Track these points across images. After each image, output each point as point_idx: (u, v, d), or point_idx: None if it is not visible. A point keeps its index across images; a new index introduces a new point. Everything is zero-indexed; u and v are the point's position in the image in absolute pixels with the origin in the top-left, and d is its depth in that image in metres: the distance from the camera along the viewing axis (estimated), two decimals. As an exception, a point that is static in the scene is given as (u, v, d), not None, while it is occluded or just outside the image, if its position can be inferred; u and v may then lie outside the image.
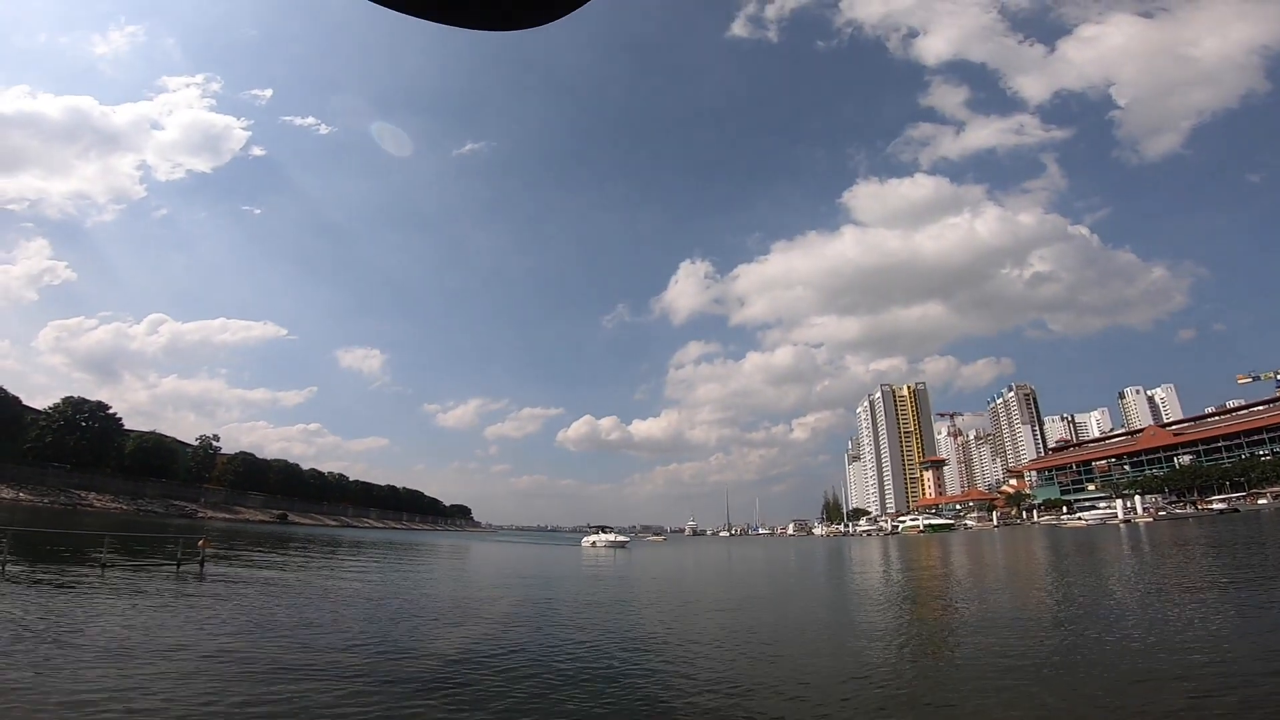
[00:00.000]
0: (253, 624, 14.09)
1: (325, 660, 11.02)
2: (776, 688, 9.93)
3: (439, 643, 13.45)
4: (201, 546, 26.20)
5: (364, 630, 14.16)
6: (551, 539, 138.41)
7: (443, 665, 11.05)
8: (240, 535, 60.50)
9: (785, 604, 23.18)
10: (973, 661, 11.64)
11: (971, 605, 20.56)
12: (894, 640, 14.44)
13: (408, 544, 67.31)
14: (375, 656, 11.53)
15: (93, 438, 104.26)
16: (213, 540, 31.48)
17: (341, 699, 8.70)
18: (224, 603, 17.00)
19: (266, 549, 43.13)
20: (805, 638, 15.24)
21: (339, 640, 12.93)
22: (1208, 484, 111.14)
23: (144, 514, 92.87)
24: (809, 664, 12.01)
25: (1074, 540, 56.21)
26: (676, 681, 10.34)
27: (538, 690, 9.53)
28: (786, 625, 17.32)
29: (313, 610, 16.79)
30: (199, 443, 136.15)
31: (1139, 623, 14.46)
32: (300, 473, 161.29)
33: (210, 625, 13.64)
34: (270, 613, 15.80)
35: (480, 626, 15.97)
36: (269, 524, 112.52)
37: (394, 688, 9.44)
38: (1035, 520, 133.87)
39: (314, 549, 46.69)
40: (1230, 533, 44.85)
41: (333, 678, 9.83)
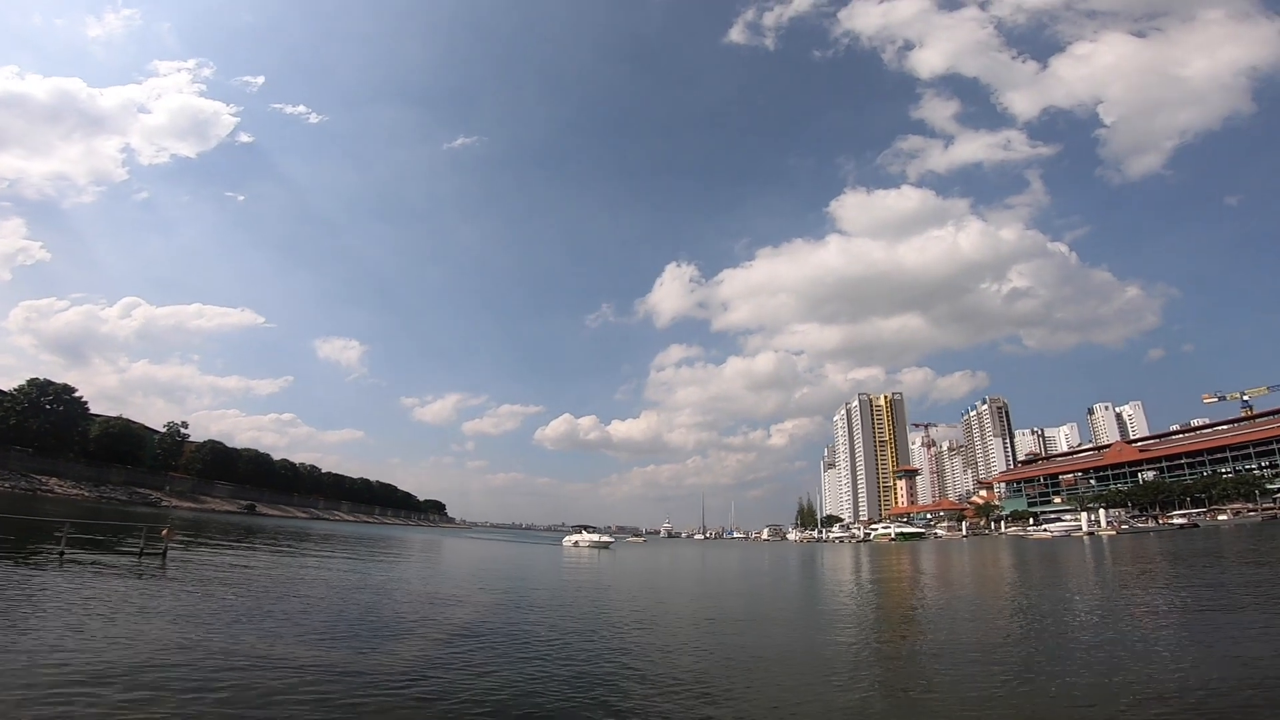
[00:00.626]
0: (212, 615, 13.94)
1: (281, 651, 10.95)
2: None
3: (401, 641, 13.40)
4: (165, 536, 25.74)
5: (323, 624, 14.07)
6: (527, 537, 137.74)
7: (402, 666, 11.03)
8: (206, 525, 59.38)
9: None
10: (931, 669, 11.89)
11: (932, 615, 20.96)
12: (860, 653, 14.72)
13: (379, 538, 66.53)
14: (334, 649, 11.48)
15: (57, 421, 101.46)
16: (177, 530, 30.91)
17: (293, 688, 8.67)
18: (185, 593, 16.75)
19: (233, 540, 42.43)
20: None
21: (298, 632, 12.84)
22: (1170, 499, 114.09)
23: (107, 501, 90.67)
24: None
25: (1038, 551, 57.38)
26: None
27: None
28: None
29: (273, 602, 16.61)
30: (167, 429, 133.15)
31: (1088, 635, 14.87)
32: (271, 463, 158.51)
33: (169, 616, 13.46)
34: (231, 604, 15.63)
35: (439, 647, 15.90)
36: (236, 514, 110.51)
37: (351, 680, 9.42)
38: (1002, 531, 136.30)
39: (282, 541, 46.01)
40: (1189, 547, 46.11)
41: (286, 669, 9.78)
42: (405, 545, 57.77)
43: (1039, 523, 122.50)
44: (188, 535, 39.09)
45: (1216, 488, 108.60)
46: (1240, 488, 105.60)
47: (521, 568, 40.29)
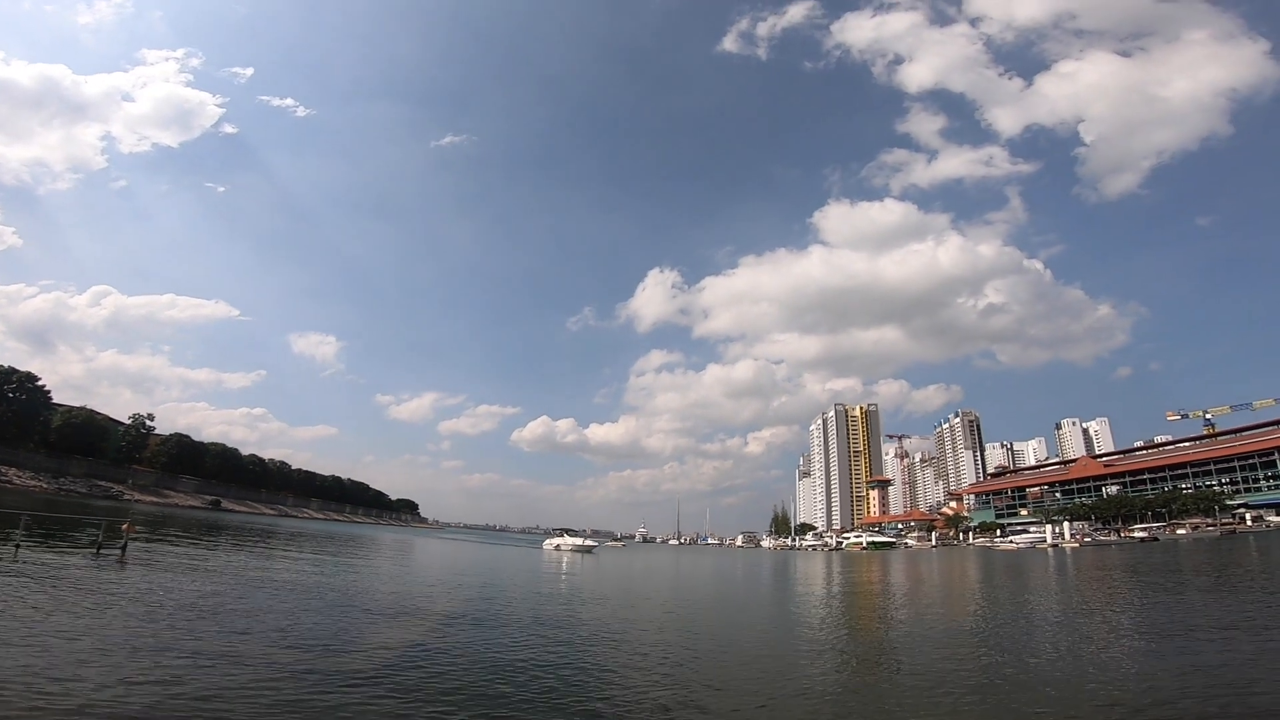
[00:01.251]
0: (170, 612, 13.64)
1: (240, 649, 10.76)
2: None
3: (364, 639, 13.24)
4: (125, 531, 25.12)
5: (284, 624, 13.85)
6: (501, 539, 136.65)
7: (369, 662, 10.91)
8: (169, 520, 57.94)
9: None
10: (900, 672, 12.06)
11: (899, 615, 21.26)
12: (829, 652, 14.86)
13: (347, 537, 65.47)
14: (293, 649, 11.31)
15: (18, 410, 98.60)
16: (138, 525, 30.14)
17: (249, 688, 8.53)
18: (144, 589, 16.36)
19: (196, 536, 41.48)
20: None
21: (255, 631, 12.63)
22: (1132, 513, 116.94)
23: (66, 493, 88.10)
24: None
25: (1003, 562, 58.45)
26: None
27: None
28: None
29: (234, 600, 16.32)
30: (132, 421, 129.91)
31: (1048, 644, 15.21)
32: (239, 458, 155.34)
33: (126, 612, 13.15)
34: (190, 602, 15.30)
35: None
36: (200, 510, 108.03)
37: (312, 679, 9.29)
38: (970, 542, 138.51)
39: (246, 538, 45.09)
40: (1147, 560, 47.31)
41: (242, 667, 9.62)
42: (374, 545, 56.93)
43: (1006, 534, 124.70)
44: (150, 530, 38.12)
45: (1177, 503, 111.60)
46: (1200, 503, 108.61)
47: (500, 574, 37.96)
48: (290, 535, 56.71)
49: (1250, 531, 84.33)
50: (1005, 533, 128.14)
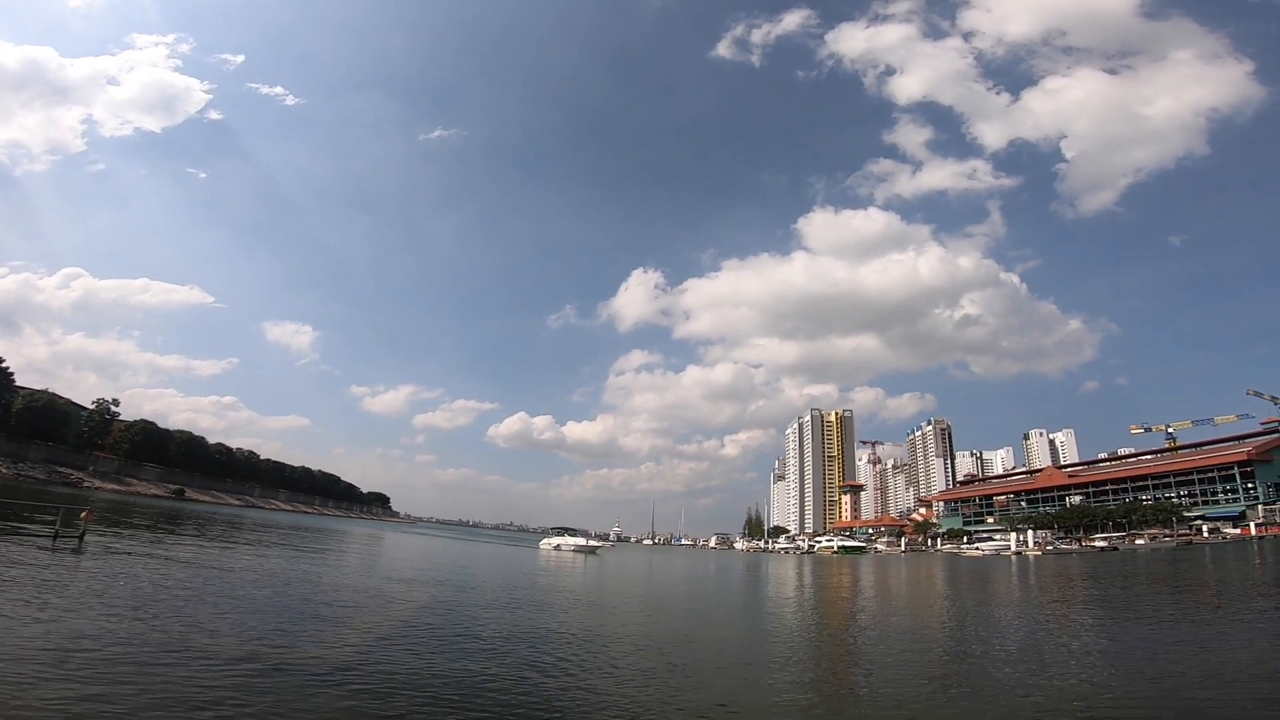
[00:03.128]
0: (127, 603, 13.35)
1: (196, 643, 10.59)
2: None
3: (326, 637, 13.09)
4: (84, 519, 24.53)
5: (243, 619, 13.65)
6: (476, 535, 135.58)
7: (334, 663, 10.79)
8: (130, 508, 56.52)
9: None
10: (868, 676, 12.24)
11: (866, 621, 21.58)
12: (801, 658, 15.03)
13: (314, 529, 64.43)
14: (253, 645, 11.16)
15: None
16: (96, 513, 29.42)
17: (206, 688, 8.41)
18: (101, 580, 15.99)
19: (158, 525, 40.52)
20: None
21: (213, 624, 12.43)
22: (1094, 523, 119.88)
23: (23, 479, 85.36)
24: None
25: (968, 568, 59.64)
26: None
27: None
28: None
29: (193, 592, 16.02)
30: (96, 406, 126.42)
31: (1010, 647, 15.57)
32: (205, 446, 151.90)
33: (80, 602, 12.86)
34: (148, 593, 15.00)
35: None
36: (163, 499, 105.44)
37: (280, 679, 9.18)
38: (938, 548, 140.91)
39: (210, 529, 44.17)
40: (1105, 568, 48.61)
41: (196, 663, 9.47)
42: (343, 539, 56.11)
43: (972, 541, 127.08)
44: (110, 518, 37.18)
45: (1137, 513, 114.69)
46: (1159, 514, 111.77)
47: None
48: (255, 526, 55.65)
49: (1206, 543, 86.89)
50: (972, 540, 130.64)
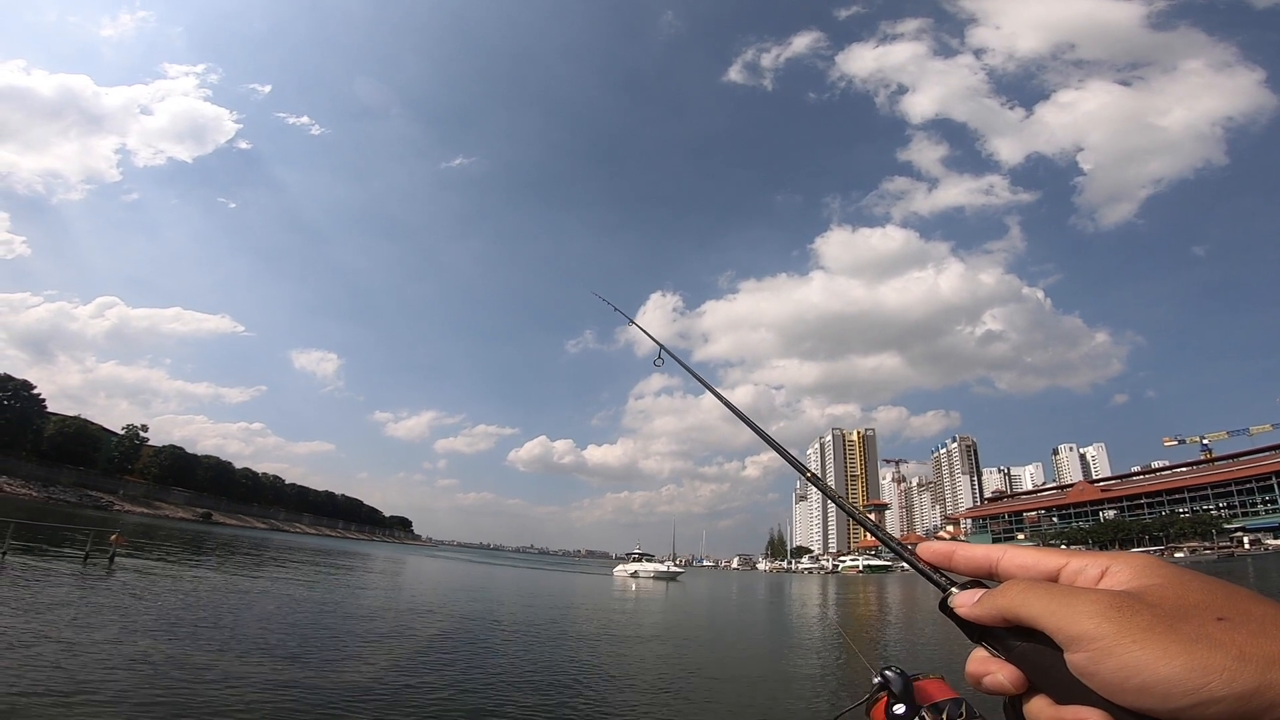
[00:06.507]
0: (160, 626, 13.34)
1: (226, 667, 10.50)
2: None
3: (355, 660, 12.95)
4: (114, 542, 24.73)
5: (274, 640, 13.57)
6: (497, 557, 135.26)
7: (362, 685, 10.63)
8: (158, 532, 57.22)
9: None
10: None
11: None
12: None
13: (339, 553, 64.65)
14: (284, 667, 11.05)
15: (12, 418, 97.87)
16: (126, 536, 29.73)
17: (233, 704, 8.29)
18: (132, 602, 16.04)
19: (186, 548, 40.88)
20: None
21: (243, 647, 12.35)
22: (1129, 537, 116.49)
23: (55, 502, 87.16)
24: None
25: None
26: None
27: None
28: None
29: (221, 613, 16.00)
30: (125, 432, 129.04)
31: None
32: (232, 471, 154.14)
33: (113, 625, 12.86)
34: (180, 616, 14.99)
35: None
36: (191, 522, 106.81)
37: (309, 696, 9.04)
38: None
39: (237, 552, 44.47)
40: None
41: (228, 683, 9.36)
42: (366, 562, 56.19)
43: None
44: (139, 541, 37.57)
45: (1174, 526, 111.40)
46: (1198, 527, 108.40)
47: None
48: (280, 549, 55.98)
49: (1248, 555, 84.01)
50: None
